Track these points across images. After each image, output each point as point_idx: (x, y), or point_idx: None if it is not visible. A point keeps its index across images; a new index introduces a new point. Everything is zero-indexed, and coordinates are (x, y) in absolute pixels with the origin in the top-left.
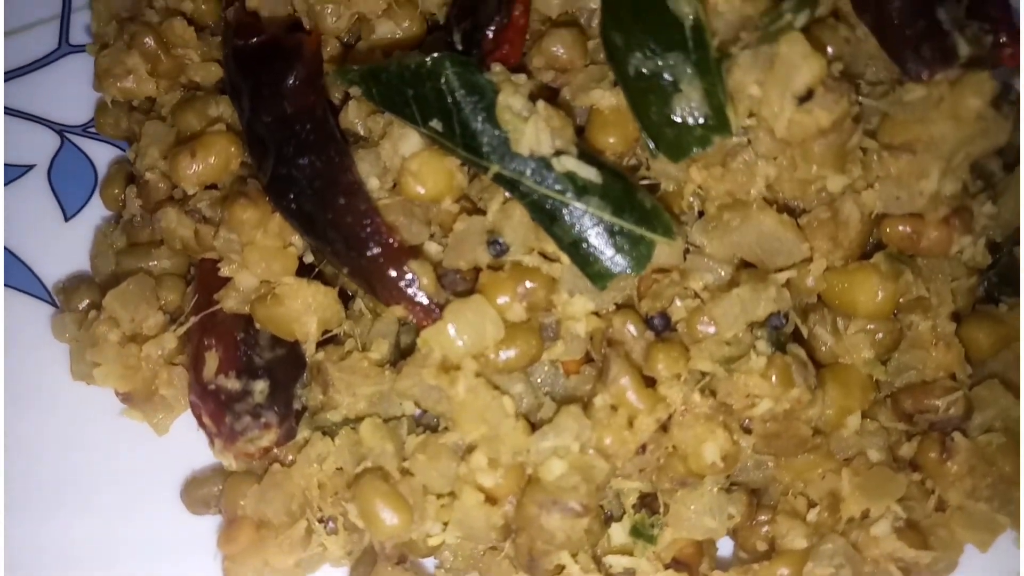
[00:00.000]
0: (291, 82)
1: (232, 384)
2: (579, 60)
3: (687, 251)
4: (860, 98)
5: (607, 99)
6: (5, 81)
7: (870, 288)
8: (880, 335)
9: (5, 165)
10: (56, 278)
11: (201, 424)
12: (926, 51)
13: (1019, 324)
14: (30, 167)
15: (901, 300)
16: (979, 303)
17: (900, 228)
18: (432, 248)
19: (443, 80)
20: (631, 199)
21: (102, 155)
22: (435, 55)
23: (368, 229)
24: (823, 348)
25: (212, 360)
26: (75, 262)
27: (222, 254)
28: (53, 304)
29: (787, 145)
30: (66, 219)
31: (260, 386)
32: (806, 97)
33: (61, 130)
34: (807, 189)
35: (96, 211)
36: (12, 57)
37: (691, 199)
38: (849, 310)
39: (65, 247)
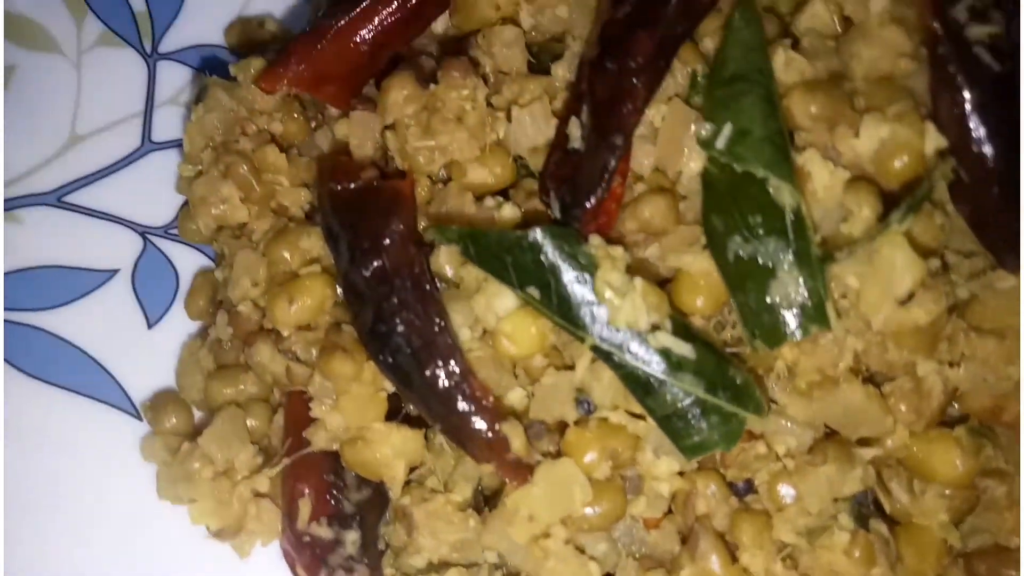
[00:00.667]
0: (390, 237)
1: (325, 532)
2: (671, 225)
3: (768, 409)
4: (951, 276)
5: (698, 264)
6: (90, 183)
7: (950, 459)
8: (957, 500)
9: (90, 270)
10: (139, 388)
11: (295, 573)
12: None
13: None
14: (115, 272)
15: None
16: None
17: (984, 401)
18: (517, 395)
19: (543, 253)
20: (724, 375)
21: (183, 257)
22: (536, 231)
23: (463, 390)
24: (897, 506)
25: (305, 507)
26: (159, 374)
27: (314, 396)
28: (135, 415)
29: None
30: (149, 326)
31: (352, 536)
32: (907, 299)
33: (144, 232)
34: (894, 365)
35: (178, 317)
36: (97, 157)
37: (778, 372)
38: (927, 475)
39: (149, 357)
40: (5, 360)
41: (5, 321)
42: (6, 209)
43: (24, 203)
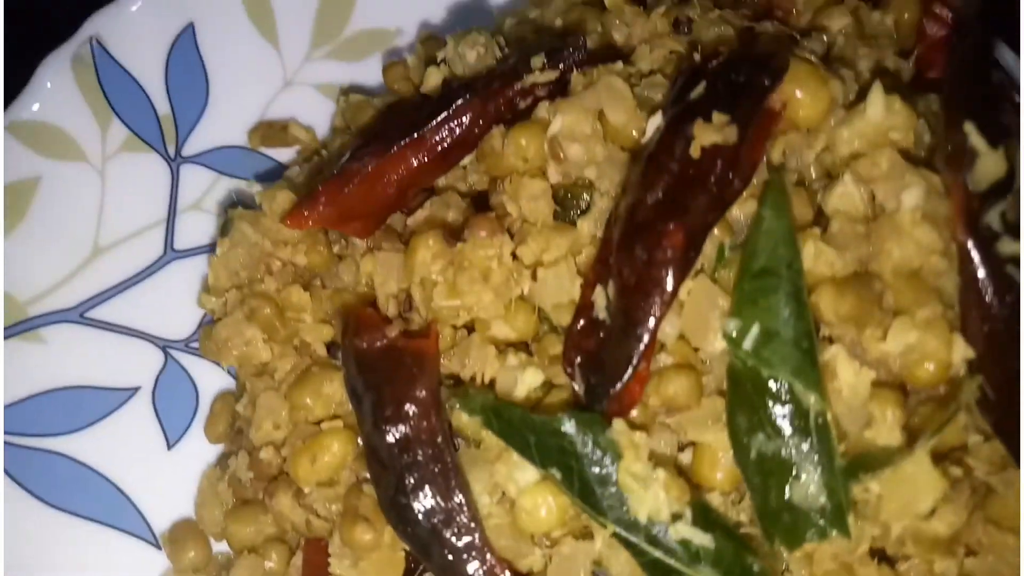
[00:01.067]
0: (412, 407)
1: None
2: (694, 402)
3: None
4: (969, 464)
5: (720, 439)
6: (112, 297)
7: None
8: None
9: (113, 389)
10: (159, 514)
11: None
12: None
13: None
14: (136, 389)
15: None
16: None
17: None
18: (535, 557)
19: (567, 439)
20: (742, 565)
21: (203, 373)
22: (563, 418)
23: (481, 569)
24: None
25: None
26: (179, 499)
27: (334, 555)
28: (155, 544)
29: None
30: (169, 447)
31: None
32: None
33: (165, 346)
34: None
35: (197, 437)
36: (119, 269)
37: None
38: None
39: (168, 481)
40: (26, 489)
41: (26, 448)
42: (28, 329)
43: (47, 321)
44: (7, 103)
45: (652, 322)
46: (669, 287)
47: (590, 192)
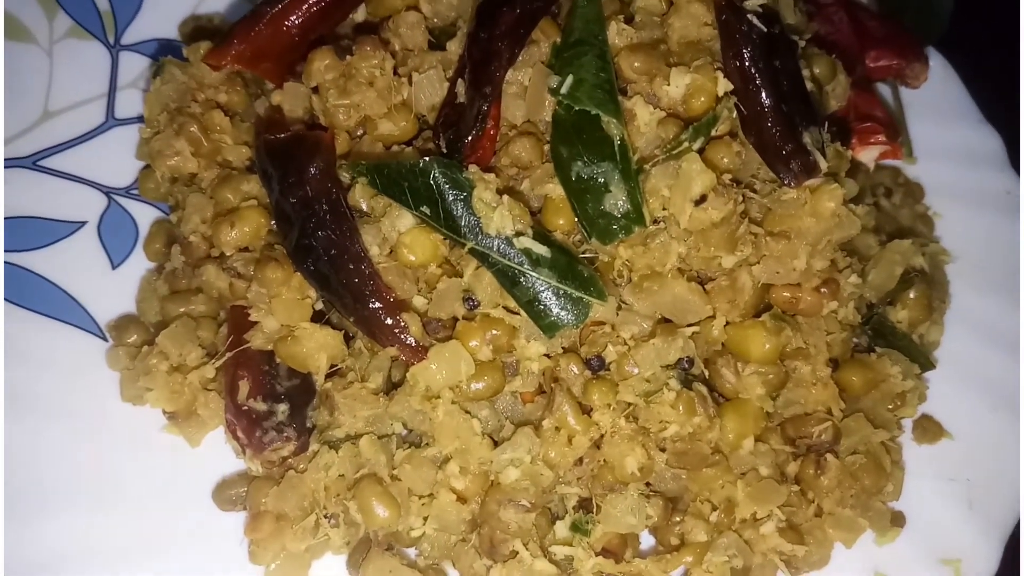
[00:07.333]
0: (312, 172)
1: (260, 406)
2: (537, 160)
3: (620, 308)
4: (751, 194)
5: (558, 191)
6: (58, 152)
7: (759, 340)
8: (770, 376)
9: (62, 221)
10: (105, 316)
11: (235, 437)
12: (795, 166)
13: (886, 370)
14: (82, 223)
15: (788, 349)
16: (858, 352)
17: (783, 294)
18: (419, 301)
19: (432, 177)
20: (573, 269)
21: (143, 214)
22: (426, 159)
23: (370, 288)
24: (727, 385)
25: (244, 387)
26: (121, 304)
27: (252, 303)
28: (103, 338)
29: (691, 232)
30: (113, 268)
31: (282, 408)
32: (701, 200)
33: (108, 191)
34: (710, 263)
35: (138, 261)
36: (67, 130)
37: (619, 270)
38: (745, 356)
39: (113, 291)
40: None
41: None
42: None
43: (6, 166)
44: None
45: (494, 82)
46: (504, 54)
47: (453, 29)
